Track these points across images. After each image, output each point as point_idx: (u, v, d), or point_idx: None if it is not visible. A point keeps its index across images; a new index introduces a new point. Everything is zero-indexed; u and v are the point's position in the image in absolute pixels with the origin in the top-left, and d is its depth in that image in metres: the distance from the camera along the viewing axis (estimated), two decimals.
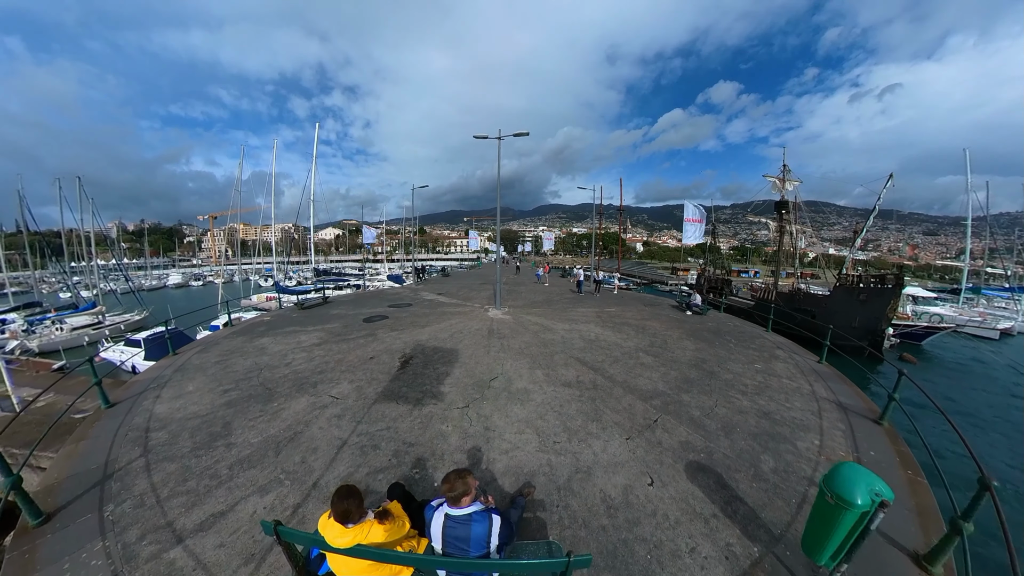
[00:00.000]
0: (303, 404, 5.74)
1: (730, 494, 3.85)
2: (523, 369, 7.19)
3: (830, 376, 7.38)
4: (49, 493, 4.00)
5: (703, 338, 9.84)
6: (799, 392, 6.56)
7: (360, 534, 2.20)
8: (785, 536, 3.36)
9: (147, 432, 5.15)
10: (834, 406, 6.06)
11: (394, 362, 7.65)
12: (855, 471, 2.41)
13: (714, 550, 3.20)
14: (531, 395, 6.01)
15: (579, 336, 9.86)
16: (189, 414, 5.60)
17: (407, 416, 5.29)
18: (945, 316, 30.27)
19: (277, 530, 2.28)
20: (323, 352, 8.41)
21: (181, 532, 3.44)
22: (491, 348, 8.61)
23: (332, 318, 12.33)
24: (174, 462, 4.43)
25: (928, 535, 3.37)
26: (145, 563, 3.15)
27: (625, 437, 4.82)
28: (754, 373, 7.35)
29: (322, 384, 6.53)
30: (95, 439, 5.11)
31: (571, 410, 5.50)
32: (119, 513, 3.69)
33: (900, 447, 4.96)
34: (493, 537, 2.29)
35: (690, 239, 20.66)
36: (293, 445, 4.65)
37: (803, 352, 8.95)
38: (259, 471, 4.20)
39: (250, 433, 4.96)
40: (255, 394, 6.18)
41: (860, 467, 2.47)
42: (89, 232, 35.05)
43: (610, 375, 6.94)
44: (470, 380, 6.61)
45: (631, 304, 15.80)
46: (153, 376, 7.32)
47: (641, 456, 4.47)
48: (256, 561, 3.15)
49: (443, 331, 10.36)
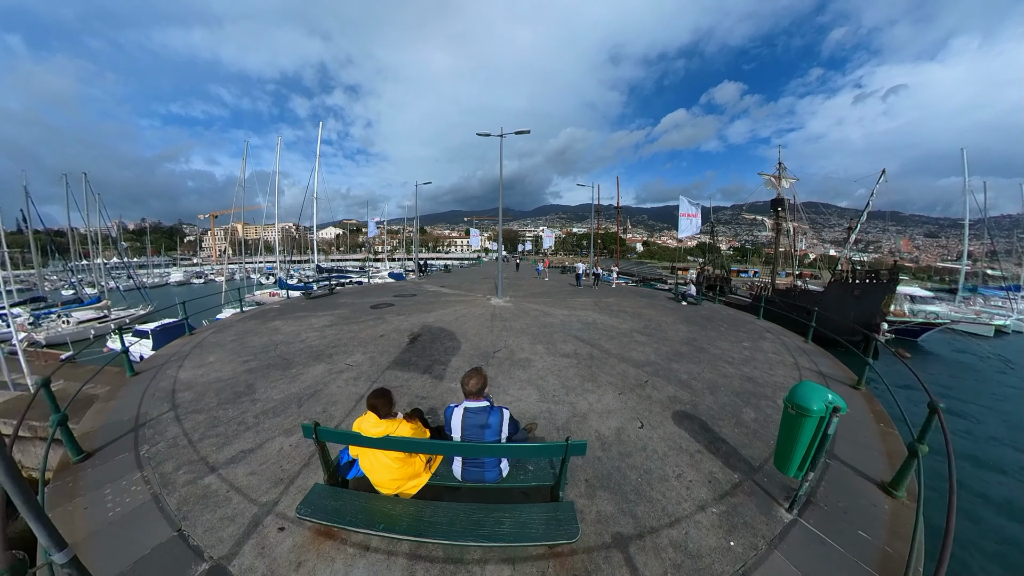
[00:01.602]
0: (320, 370, 6.13)
1: (714, 436, 4.23)
2: (525, 344, 7.59)
3: (814, 352, 7.77)
4: (85, 439, 4.34)
5: (696, 323, 10.24)
6: (783, 363, 6.96)
7: (391, 428, 2.59)
8: (763, 468, 3.74)
9: (173, 393, 5.52)
10: (815, 374, 6.46)
11: (403, 339, 8.04)
12: (811, 387, 2.80)
13: (698, 476, 3.58)
14: (532, 363, 6.40)
15: (577, 320, 10.25)
16: (213, 379, 5.97)
17: (418, 378, 5.70)
18: (941, 313, 30.67)
19: (316, 430, 2.67)
20: (335, 332, 8.80)
21: (214, 464, 3.81)
22: (494, 328, 9.00)
23: (340, 305, 12.71)
24: (203, 414, 4.80)
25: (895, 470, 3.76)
26: (182, 487, 3.51)
27: (618, 393, 5.21)
28: (742, 349, 7.74)
29: (337, 355, 6.92)
30: (124, 399, 5.47)
31: (569, 373, 5.91)
32: (154, 452, 4.05)
33: (875, 406, 5.35)
34: (504, 426, 2.68)
35: (685, 232, 21.01)
36: (314, 400, 5.04)
37: (791, 335, 9.33)
38: (283, 419, 4.58)
39: (273, 391, 5.34)
40: (274, 363, 6.56)
41: (815, 384, 2.86)
42: (96, 230, 35.48)
43: (606, 349, 7.34)
44: (475, 352, 7.02)
45: (628, 296, 16.21)
46: (173, 352, 7.69)
47: (632, 406, 4.86)
48: (284, 484, 3.52)
49: (448, 315, 10.76)
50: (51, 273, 59.06)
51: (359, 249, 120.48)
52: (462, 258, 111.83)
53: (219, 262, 49.51)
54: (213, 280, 61.66)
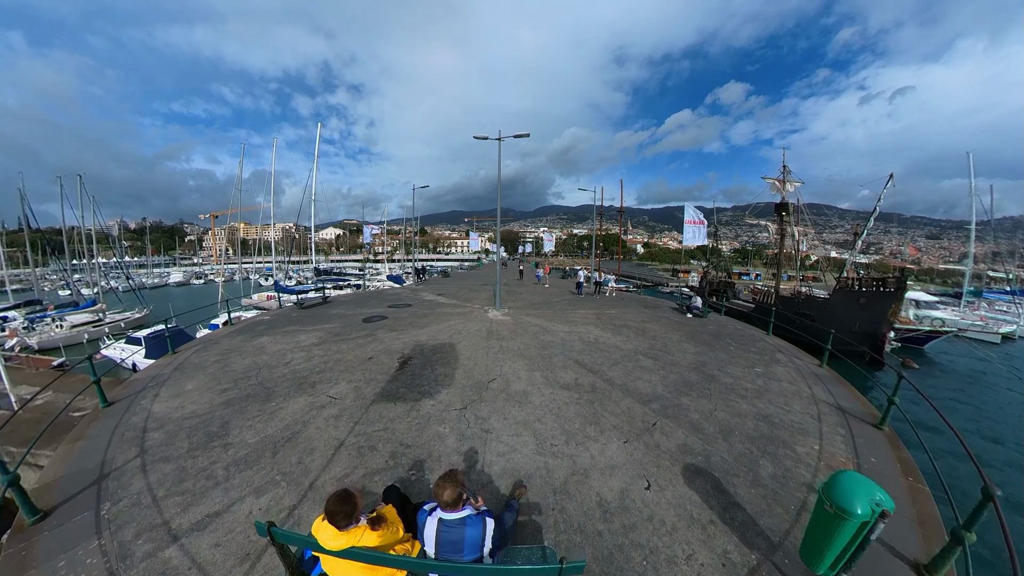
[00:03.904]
0: (301, 404, 5.73)
1: (728, 500, 3.82)
2: (521, 371, 7.17)
3: (830, 380, 7.35)
4: (46, 491, 4.00)
5: (704, 341, 9.81)
6: (799, 395, 6.54)
7: (353, 538, 2.18)
8: (784, 544, 3.33)
9: (144, 432, 5.15)
10: (834, 410, 6.04)
11: (392, 363, 7.63)
12: (855, 480, 2.38)
13: (711, 557, 3.17)
14: (529, 397, 5.99)
15: (578, 338, 9.83)
16: (187, 413, 5.59)
17: (404, 417, 5.28)
18: (947, 320, 30.21)
19: (271, 531, 2.27)
20: (322, 352, 8.40)
21: (177, 531, 3.44)
22: (490, 349, 8.59)
23: (331, 318, 12.32)
24: (170, 463, 4.42)
25: (929, 544, 3.34)
26: (141, 562, 3.15)
27: (623, 440, 4.79)
28: (754, 377, 7.32)
29: (320, 384, 6.52)
30: (92, 439, 5.11)
31: (569, 412, 5.48)
32: (115, 512, 3.68)
33: (901, 453, 4.93)
34: (487, 541, 2.27)
35: (690, 241, 20.58)
36: (290, 446, 4.64)
37: (804, 356, 8.93)
38: (255, 472, 4.18)
39: (247, 433, 4.94)
40: (253, 393, 6.17)
41: (860, 476, 2.44)
42: (91, 230, 35.14)
43: (609, 378, 6.92)
44: (468, 381, 6.60)
45: (631, 306, 15.77)
46: (152, 375, 7.32)
47: (639, 458, 4.44)
48: (251, 561, 3.13)
49: (442, 332, 10.34)
50: (52, 272, 58.85)
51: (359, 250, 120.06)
52: (462, 259, 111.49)
53: (219, 262, 49.28)
54: (213, 280, 61.41)
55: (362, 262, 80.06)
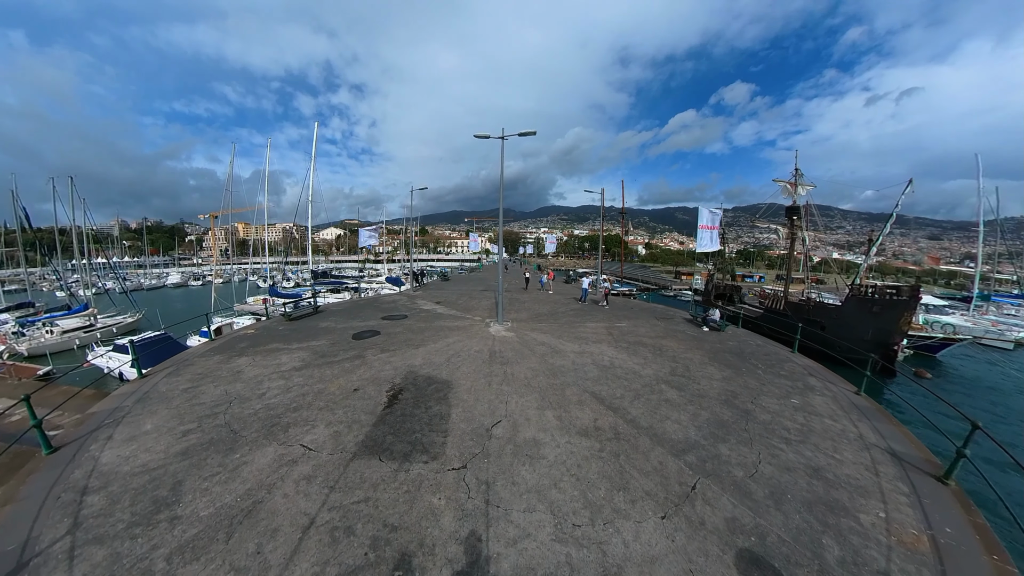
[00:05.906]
0: (269, 457, 4.83)
1: None
2: (531, 409, 6.26)
3: (874, 414, 6.54)
4: None
5: (727, 363, 8.94)
6: (845, 436, 5.73)
7: None
8: None
9: (83, 494, 4.30)
10: (888, 456, 5.25)
11: (381, 396, 6.73)
12: None
13: None
14: (542, 449, 5.08)
15: (592, 361, 8.94)
16: (137, 466, 4.73)
17: (391, 481, 4.37)
18: (958, 325, 29.34)
19: None
20: (303, 380, 7.52)
21: None
22: (493, 378, 7.68)
23: (320, 333, 11.44)
24: (104, 545, 3.56)
25: None
26: None
27: (660, 515, 3.91)
28: (792, 412, 6.47)
29: (295, 427, 5.62)
30: (23, 501, 4.27)
31: (591, 472, 4.58)
32: None
33: (975, 519, 4.17)
34: None
35: (705, 247, 19.68)
36: (249, 523, 3.76)
37: (838, 380, 8.12)
38: (203, 567, 3.31)
39: (201, 501, 4.06)
40: (217, 438, 5.30)
41: None
42: (81, 229, 34.29)
43: (632, 418, 6.02)
44: (468, 426, 5.68)
45: (642, 317, 14.88)
46: (112, 407, 6.46)
47: (682, 545, 3.57)
48: None
49: (439, 353, 9.44)
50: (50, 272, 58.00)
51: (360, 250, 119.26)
52: (462, 260, 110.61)
53: (216, 263, 48.60)
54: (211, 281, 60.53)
55: (362, 263, 79.33)
